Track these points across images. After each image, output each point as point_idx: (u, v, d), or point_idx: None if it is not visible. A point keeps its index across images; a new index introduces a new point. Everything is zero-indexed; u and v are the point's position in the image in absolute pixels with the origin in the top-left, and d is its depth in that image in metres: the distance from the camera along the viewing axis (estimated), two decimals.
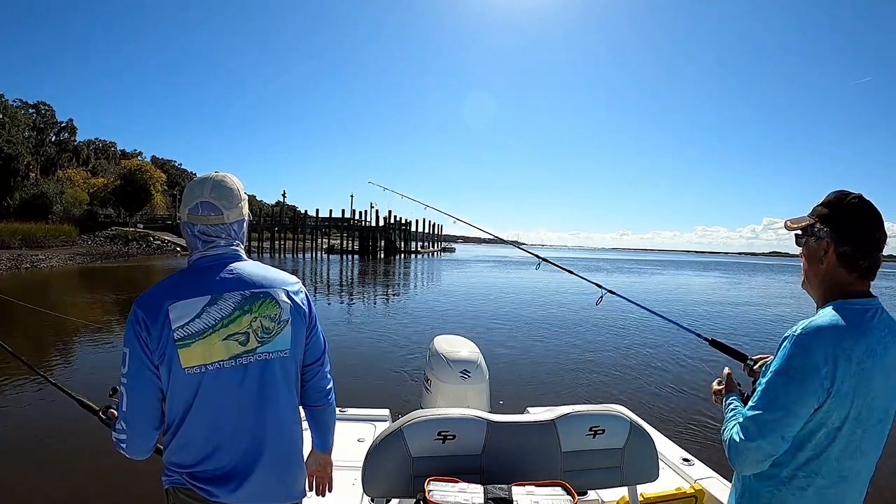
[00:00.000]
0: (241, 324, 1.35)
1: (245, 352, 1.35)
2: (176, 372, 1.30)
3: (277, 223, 59.92)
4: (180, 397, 1.32)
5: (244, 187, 1.51)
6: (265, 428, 1.39)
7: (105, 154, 63.50)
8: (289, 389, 1.45)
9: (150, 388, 1.32)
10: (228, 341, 1.34)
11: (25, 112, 48.40)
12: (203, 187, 1.41)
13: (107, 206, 50.88)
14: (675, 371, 8.48)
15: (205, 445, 1.34)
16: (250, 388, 1.36)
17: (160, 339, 1.29)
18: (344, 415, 3.10)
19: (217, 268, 1.39)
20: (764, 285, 35.41)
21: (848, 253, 1.26)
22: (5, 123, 41.18)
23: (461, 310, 15.53)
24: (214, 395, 1.33)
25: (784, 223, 1.43)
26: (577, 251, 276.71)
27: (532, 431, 1.84)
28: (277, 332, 1.40)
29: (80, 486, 4.02)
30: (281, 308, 1.41)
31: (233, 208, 1.43)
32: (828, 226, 1.28)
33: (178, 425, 1.34)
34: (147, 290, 1.36)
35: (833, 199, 1.30)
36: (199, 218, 1.40)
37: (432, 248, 78.99)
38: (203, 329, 1.31)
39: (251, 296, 1.38)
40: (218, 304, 1.34)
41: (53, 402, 6.01)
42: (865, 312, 1.25)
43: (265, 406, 1.38)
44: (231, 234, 1.44)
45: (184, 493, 1.35)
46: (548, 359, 9.12)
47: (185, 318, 1.30)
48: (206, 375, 1.31)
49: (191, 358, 1.30)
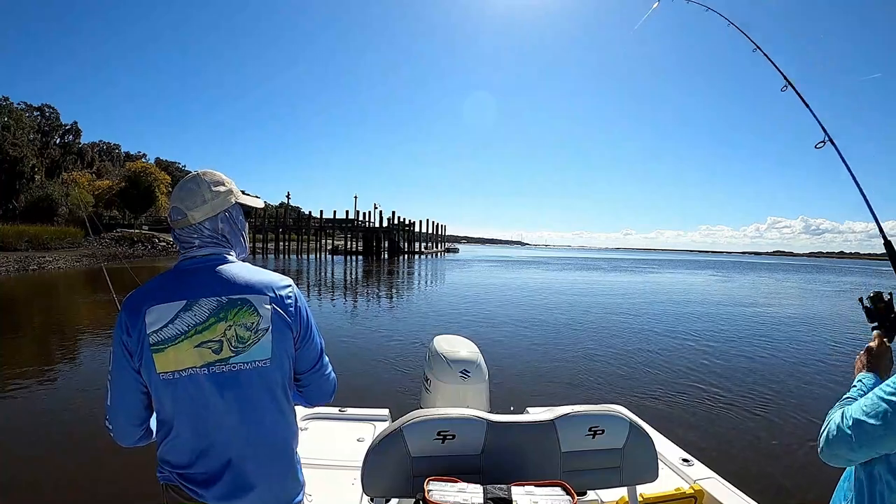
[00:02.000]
0: (215, 331, 1.31)
1: (218, 360, 1.30)
2: (153, 376, 1.28)
3: (282, 224, 60.06)
4: (163, 401, 1.31)
5: (220, 181, 1.44)
6: (247, 437, 1.34)
7: (109, 156, 63.72)
8: (273, 399, 1.38)
9: (130, 389, 1.33)
10: (201, 348, 1.29)
11: (30, 115, 48.62)
12: (177, 191, 1.43)
13: (111, 208, 51.06)
14: (674, 371, 8.46)
15: (190, 449, 1.33)
16: (227, 397, 1.32)
17: (139, 342, 1.28)
18: (343, 414, 3.12)
19: (200, 271, 1.36)
20: (751, 284, 35.49)
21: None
22: (10, 126, 41.41)
23: (461, 310, 15.53)
24: (191, 401, 1.30)
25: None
26: (580, 251, 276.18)
27: (531, 431, 1.84)
28: (254, 341, 1.33)
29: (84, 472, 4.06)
30: (260, 316, 1.34)
31: (197, 207, 1.39)
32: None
33: (169, 426, 1.33)
34: (133, 292, 1.34)
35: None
36: (173, 223, 1.40)
37: (436, 249, 78.89)
38: (175, 335, 1.28)
39: (228, 303, 1.32)
40: (192, 310, 1.30)
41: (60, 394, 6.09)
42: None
43: (246, 415, 1.34)
44: (203, 234, 1.39)
45: (174, 491, 1.35)
46: (547, 358, 9.11)
47: (159, 322, 1.28)
48: (180, 382, 1.29)
49: (164, 364, 1.27)
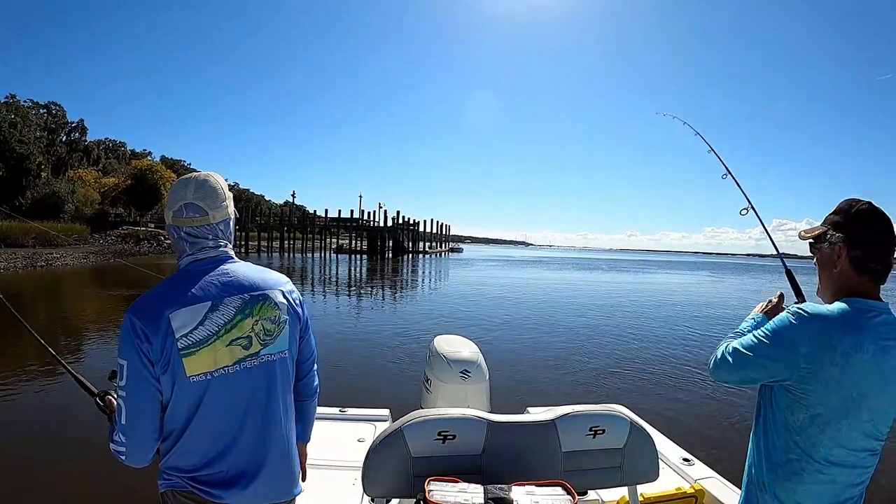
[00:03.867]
0: (243, 328, 1.35)
1: (249, 355, 1.35)
2: (181, 381, 1.27)
3: (286, 223, 60.19)
4: (184, 405, 1.30)
5: (227, 185, 1.50)
6: (269, 428, 1.40)
7: (115, 154, 63.85)
8: (287, 389, 1.47)
9: (150, 401, 1.29)
10: (232, 346, 1.33)
11: (37, 112, 48.72)
12: (186, 188, 1.40)
13: (117, 206, 51.26)
14: (675, 371, 8.47)
15: (209, 450, 1.33)
16: (256, 390, 1.37)
17: (163, 350, 1.25)
18: (344, 415, 3.11)
19: (213, 271, 1.38)
20: (741, 284, 35.46)
21: (859, 257, 1.33)
22: (17, 124, 41.53)
23: (463, 310, 15.55)
24: (220, 400, 1.32)
25: (798, 234, 1.51)
26: (584, 252, 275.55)
27: (532, 431, 1.85)
28: (278, 333, 1.41)
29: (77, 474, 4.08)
30: (279, 309, 1.42)
31: (217, 208, 1.42)
32: (840, 232, 1.36)
33: (181, 432, 1.32)
34: (140, 298, 1.32)
35: (844, 207, 1.38)
36: (185, 220, 1.39)
37: (440, 249, 78.87)
38: (207, 336, 1.30)
39: (251, 299, 1.37)
40: (220, 310, 1.33)
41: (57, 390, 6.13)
42: (867, 312, 1.30)
43: (269, 406, 1.39)
44: (218, 234, 1.43)
45: (184, 496, 1.33)
46: (548, 358, 9.12)
47: (187, 326, 1.28)
48: (212, 382, 1.30)
49: (196, 366, 1.28)
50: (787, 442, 1.36)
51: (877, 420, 1.33)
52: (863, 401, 1.29)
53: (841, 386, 1.28)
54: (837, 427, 1.30)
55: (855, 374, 1.27)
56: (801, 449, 1.33)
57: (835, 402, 1.29)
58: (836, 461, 1.32)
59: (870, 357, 1.27)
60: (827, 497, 1.35)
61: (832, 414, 1.30)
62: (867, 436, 1.33)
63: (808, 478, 1.33)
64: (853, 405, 1.29)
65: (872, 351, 1.27)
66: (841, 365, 1.26)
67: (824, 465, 1.32)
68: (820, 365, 1.27)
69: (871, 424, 1.32)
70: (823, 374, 1.27)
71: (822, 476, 1.33)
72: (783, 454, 1.36)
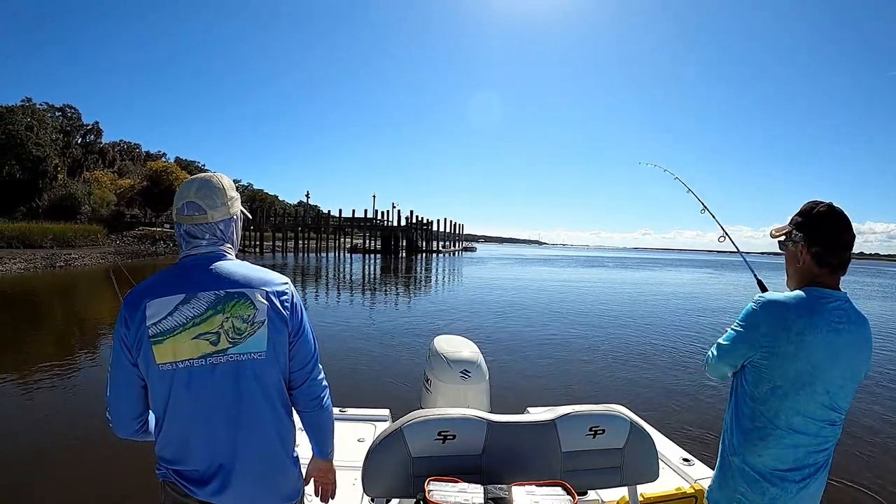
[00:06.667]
0: (212, 323, 1.35)
1: (215, 352, 1.35)
2: (152, 368, 1.33)
3: (301, 223, 60.55)
4: (158, 394, 1.36)
5: (233, 186, 1.52)
6: (239, 430, 1.37)
7: (130, 156, 64.48)
8: (266, 394, 1.41)
9: (127, 382, 1.39)
10: (198, 340, 1.34)
11: (52, 115, 49.44)
12: (189, 188, 1.45)
13: (133, 207, 51.92)
14: (675, 371, 8.41)
15: (182, 444, 1.37)
16: (222, 388, 1.36)
17: (137, 335, 1.33)
18: (344, 415, 3.13)
19: (199, 267, 1.41)
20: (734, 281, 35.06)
21: (819, 253, 1.52)
22: (33, 126, 42.16)
23: (464, 310, 15.43)
24: (187, 393, 1.34)
25: (769, 232, 1.69)
26: (597, 251, 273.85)
27: (532, 431, 1.85)
28: (250, 333, 1.38)
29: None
30: (256, 309, 1.39)
31: (217, 207, 1.44)
32: (802, 231, 1.55)
33: (162, 421, 1.37)
34: (133, 287, 1.39)
35: (807, 209, 1.56)
36: (185, 218, 1.43)
37: (453, 248, 78.83)
38: (174, 327, 1.33)
39: (225, 295, 1.37)
40: (191, 303, 1.35)
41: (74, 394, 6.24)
42: (822, 299, 1.50)
43: (240, 408, 1.37)
44: (217, 233, 1.45)
45: (171, 487, 1.39)
46: (548, 359, 9.06)
47: (158, 315, 1.32)
48: (177, 373, 1.33)
49: (163, 354, 1.32)
50: (753, 411, 1.55)
51: (833, 393, 1.50)
52: (817, 374, 1.47)
53: (797, 360, 1.46)
54: (796, 398, 1.49)
55: (809, 351, 1.46)
56: (766, 417, 1.52)
57: (791, 375, 1.48)
58: (797, 428, 1.50)
59: (823, 337, 1.46)
60: (790, 460, 1.52)
61: (790, 386, 1.48)
62: (825, 407, 1.51)
63: (772, 442, 1.52)
64: (808, 378, 1.47)
65: (825, 331, 1.46)
66: (795, 343, 1.45)
67: (786, 432, 1.51)
68: (777, 343, 1.47)
69: (827, 396, 1.50)
70: (780, 350, 1.47)
71: (784, 441, 1.51)
72: (750, 422, 1.56)
